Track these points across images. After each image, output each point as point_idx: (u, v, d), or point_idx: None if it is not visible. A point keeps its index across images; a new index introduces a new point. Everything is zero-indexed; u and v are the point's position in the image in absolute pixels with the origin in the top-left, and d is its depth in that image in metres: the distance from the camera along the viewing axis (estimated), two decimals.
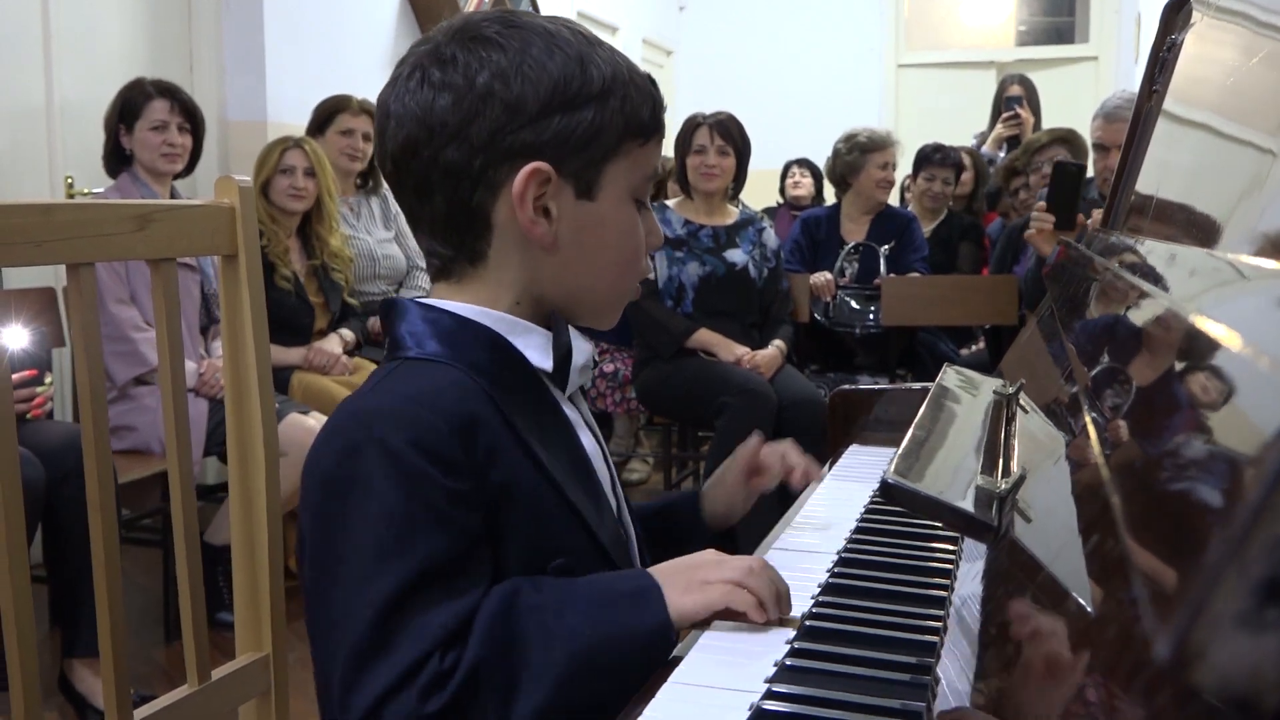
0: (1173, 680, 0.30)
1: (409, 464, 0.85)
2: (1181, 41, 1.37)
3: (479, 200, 0.94)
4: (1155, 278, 0.84)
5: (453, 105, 0.92)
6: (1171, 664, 0.30)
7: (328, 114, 3.63)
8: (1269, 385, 0.35)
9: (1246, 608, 0.28)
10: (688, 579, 0.89)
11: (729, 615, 0.89)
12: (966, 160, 4.79)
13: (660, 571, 0.90)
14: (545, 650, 0.83)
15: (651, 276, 3.46)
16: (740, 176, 3.67)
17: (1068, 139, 4.05)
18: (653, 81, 0.99)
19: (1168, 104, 1.35)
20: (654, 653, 0.85)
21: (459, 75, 0.92)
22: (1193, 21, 1.35)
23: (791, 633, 0.87)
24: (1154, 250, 0.95)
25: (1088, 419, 0.73)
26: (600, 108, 0.93)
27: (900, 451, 0.90)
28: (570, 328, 1.01)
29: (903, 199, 5.55)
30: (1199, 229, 0.92)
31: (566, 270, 0.97)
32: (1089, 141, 3.54)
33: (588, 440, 1.02)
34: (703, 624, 0.89)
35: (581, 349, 1.00)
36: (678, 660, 0.84)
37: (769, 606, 0.88)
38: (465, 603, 0.85)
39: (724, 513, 1.21)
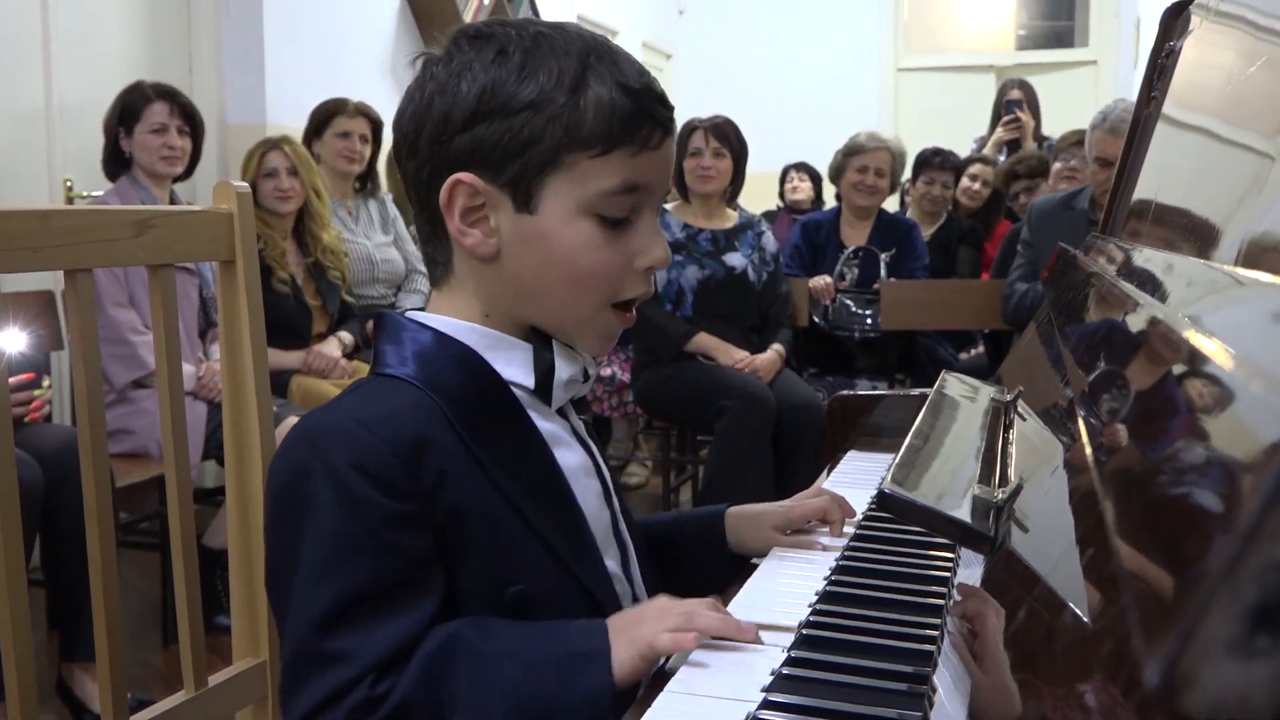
0: (1163, 706, 0.30)
1: (350, 486, 0.85)
2: (1180, 48, 1.37)
3: (434, 210, 0.94)
4: (1151, 286, 0.84)
5: (411, 116, 0.94)
6: (1161, 690, 0.30)
7: (325, 117, 3.63)
8: (1260, 399, 0.35)
9: (1236, 635, 0.28)
10: (631, 632, 0.85)
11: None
12: (989, 172, 4.77)
13: (615, 623, 0.87)
14: (478, 699, 0.82)
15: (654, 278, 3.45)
16: (738, 179, 3.67)
17: None
18: (634, 90, 0.91)
19: (1167, 108, 1.35)
20: (590, 717, 0.82)
21: (419, 88, 0.94)
22: (1191, 28, 1.35)
23: (789, 641, 0.87)
24: (1151, 258, 0.95)
25: (1083, 428, 0.73)
26: (533, 116, 0.88)
27: (897, 460, 0.90)
28: (558, 342, 0.98)
29: (902, 203, 5.55)
30: (1198, 235, 0.92)
31: (516, 284, 0.94)
32: (1089, 153, 3.49)
33: (575, 455, 1.00)
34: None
35: (567, 365, 0.98)
36: (674, 670, 0.84)
37: (721, 631, 0.86)
38: (404, 625, 0.84)
39: (752, 548, 1.18)
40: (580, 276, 0.92)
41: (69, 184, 3.43)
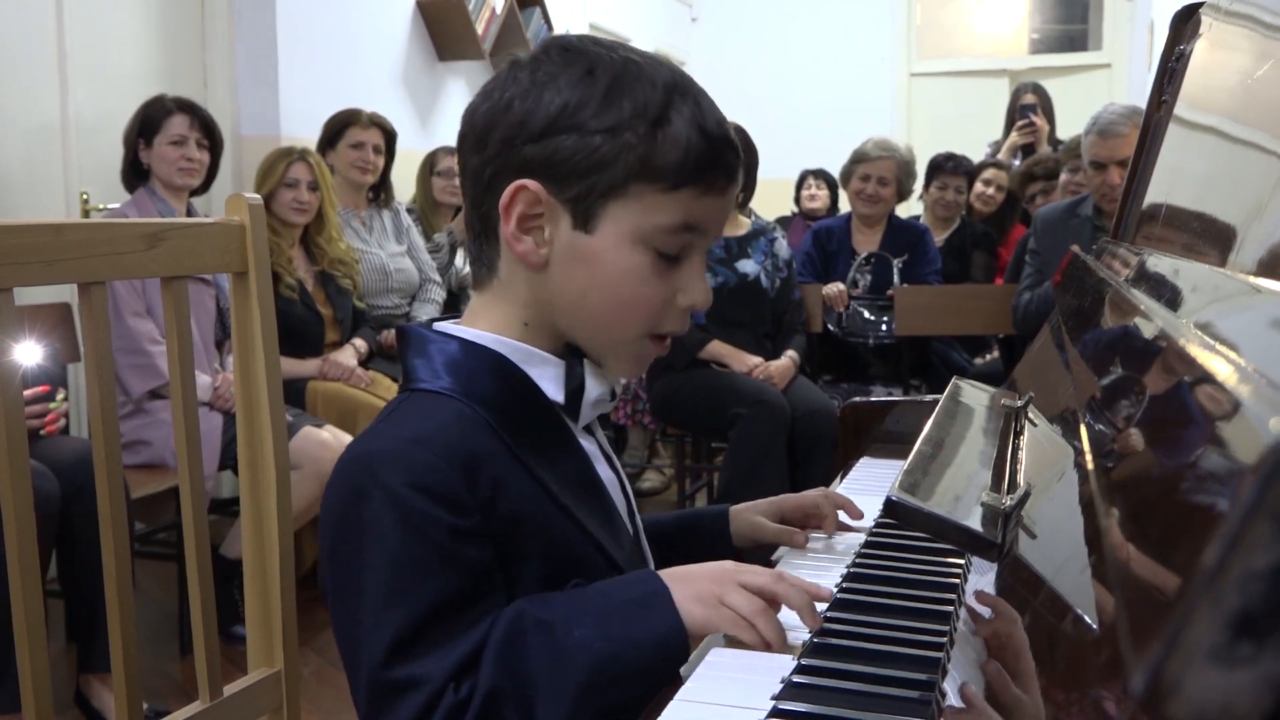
0: (1149, 713, 0.30)
1: (411, 506, 0.86)
2: (1190, 52, 1.36)
3: (489, 210, 0.94)
4: (1161, 293, 0.84)
5: (485, 113, 0.94)
6: (1146, 698, 0.30)
7: (338, 128, 3.65)
8: (1251, 409, 0.35)
9: (1218, 643, 0.28)
10: (700, 590, 0.88)
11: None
12: (1003, 177, 4.76)
13: (673, 575, 0.89)
14: (558, 667, 0.84)
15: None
16: (749, 186, 3.67)
17: None
18: (711, 134, 0.92)
19: (1178, 111, 1.35)
20: (668, 656, 0.85)
21: (499, 87, 0.94)
22: (1201, 31, 1.34)
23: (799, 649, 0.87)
24: (1161, 264, 0.95)
25: (1085, 435, 0.73)
26: (610, 140, 0.89)
27: (905, 467, 0.90)
28: (588, 360, 1.00)
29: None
30: (1209, 240, 0.91)
31: (559, 297, 0.94)
32: (1084, 158, 3.47)
33: (605, 472, 1.02)
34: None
35: (596, 383, 0.99)
36: (684, 677, 0.84)
37: (774, 648, 0.87)
38: (477, 634, 0.85)
39: (752, 542, 1.20)
40: (623, 303, 0.93)
41: (85, 197, 3.45)
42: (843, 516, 1.24)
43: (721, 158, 0.93)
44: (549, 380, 0.97)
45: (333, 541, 0.91)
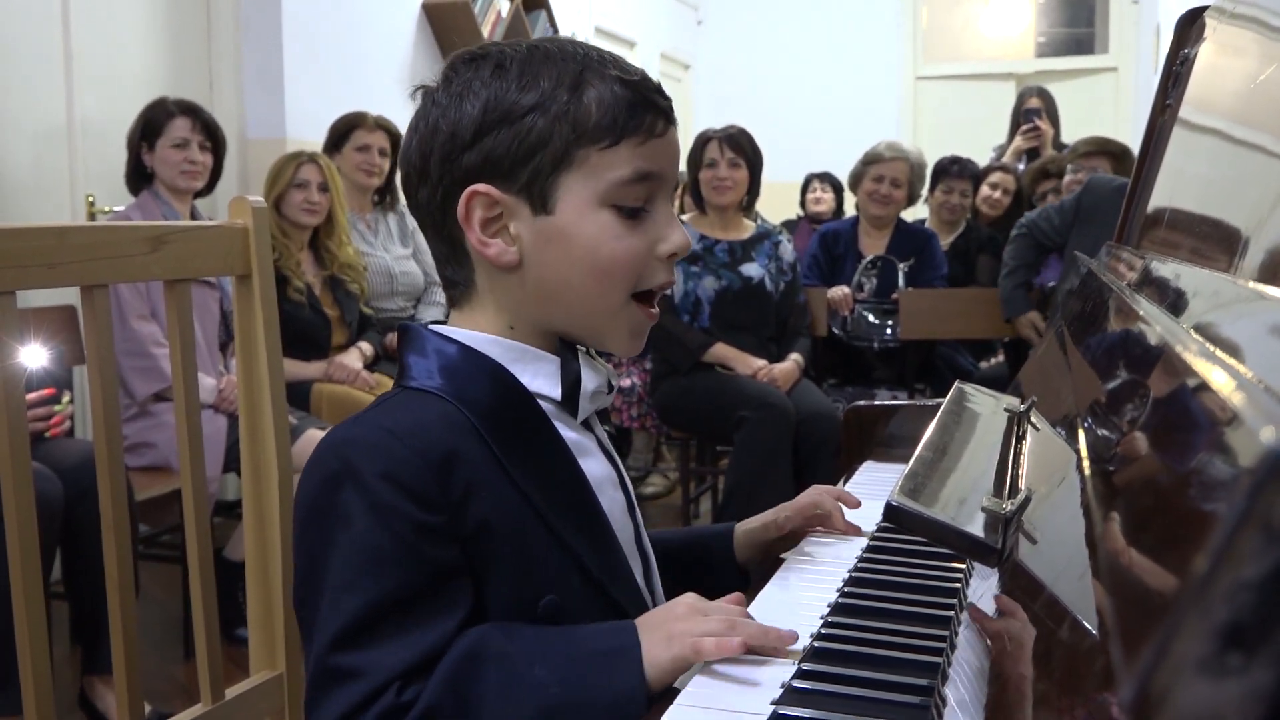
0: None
1: (379, 496, 0.85)
2: (1194, 55, 1.36)
3: (452, 231, 0.95)
4: (1162, 298, 0.83)
5: (417, 145, 0.96)
6: (1134, 708, 0.30)
7: (344, 130, 3.65)
8: (1254, 417, 0.35)
9: (1207, 653, 0.27)
10: (669, 631, 0.86)
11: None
12: (1010, 181, 4.75)
13: (644, 624, 0.88)
14: (507, 702, 0.82)
15: (670, 291, 3.45)
16: (754, 189, 3.67)
17: (1116, 154, 3.96)
18: (633, 81, 0.93)
19: (1184, 113, 1.34)
20: (624, 717, 0.83)
21: (421, 117, 0.96)
22: (1205, 35, 1.34)
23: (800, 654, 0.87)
24: (1164, 269, 0.95)
25: (1082, 440, 0.73)
26: (539, 118, 0.90)
27: (906, 472, 0.90)
28: (583, 353, 1.00)
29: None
30: (1215, 243, 0.91)
31: (540, 289, 0.95)
32: None
33: (600, 466, 1.00)
34: None
35: (593, 375, 0.99)
36: (680, 687, 0.84)
37: (761, 648, 0.86)
38: (431, 636, 0.84)
39: (758, 558, 1.19)
40: (604, 266, 0.93)
41: (91, 200, 3.46)
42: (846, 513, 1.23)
43: (650, 100, 0.94)
44: (544, 377, 0.96)
45: (303, 522, 0.91)
